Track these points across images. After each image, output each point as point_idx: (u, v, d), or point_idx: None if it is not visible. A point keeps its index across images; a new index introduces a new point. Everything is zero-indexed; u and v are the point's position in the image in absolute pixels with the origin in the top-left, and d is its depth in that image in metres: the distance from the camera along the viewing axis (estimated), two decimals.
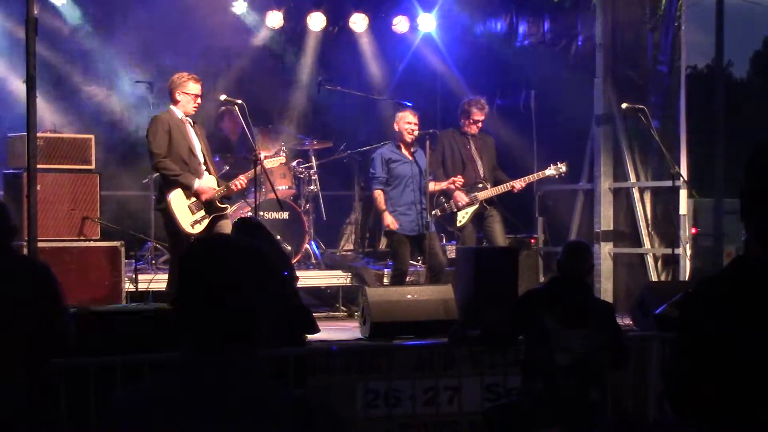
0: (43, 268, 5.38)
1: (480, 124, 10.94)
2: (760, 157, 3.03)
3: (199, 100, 9.35)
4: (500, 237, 10.80)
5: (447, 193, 10.78)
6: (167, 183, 9.15)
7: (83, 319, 7.52)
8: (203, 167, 9.32)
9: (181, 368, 2.55)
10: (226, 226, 9.29)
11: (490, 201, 10.84)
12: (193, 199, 9.17)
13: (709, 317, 2.99)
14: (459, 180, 10.69)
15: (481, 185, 10.83)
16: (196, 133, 9.36)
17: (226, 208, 9.40)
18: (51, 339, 5.25)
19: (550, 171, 10.97)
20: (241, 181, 9.48)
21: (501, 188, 10.82)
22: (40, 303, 5.16)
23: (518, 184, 10.83)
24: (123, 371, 6.71)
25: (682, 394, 3.06)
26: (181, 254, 2.54)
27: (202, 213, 9.19)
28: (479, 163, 10.94)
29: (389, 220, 10.39)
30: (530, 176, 10.98)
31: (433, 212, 10.70)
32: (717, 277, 3.09)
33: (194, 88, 9.28)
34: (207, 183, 9.24)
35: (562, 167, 10.96)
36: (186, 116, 9.28)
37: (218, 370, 2.51)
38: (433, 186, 10.60)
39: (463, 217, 10.76)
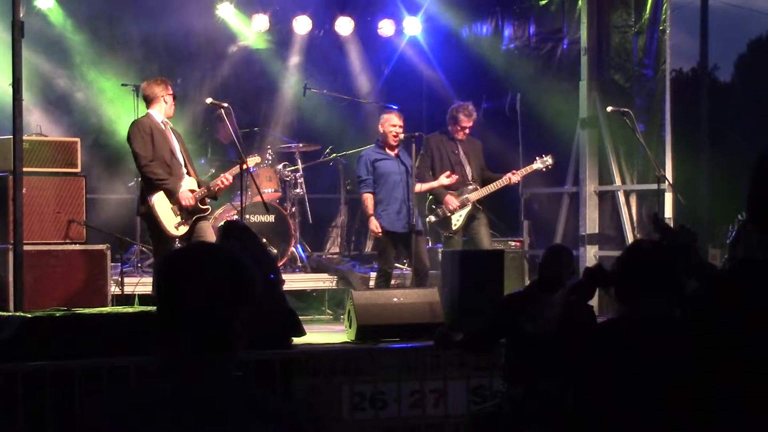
0: None
1: (468, 131, 10.94)
2: (765, 161, 3.05)
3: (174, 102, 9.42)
4: (486, 240, 10.82)
5: (438, 200, 10.77)
6: (150, 187, 9.13)
7: (69, 322, 7.54)
8: (184, 169, 9.32)
9: (157, 373, 2.59)
10: (207, 228, 9.28)
11: (479, 203, 10.86)
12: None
13: (712, 318, 3.01)
14: (447, 177, 10.67)
15: (471, 186, 10.84)
16: (175, 136, 9.36)
17: (207, 209, 9.37)
18: None
19: (537, 165, 10.97)
20: (225, 178, 9.45)
21: (497, 184, 10.83)
22: None
23: (515, 177, 10.85)
24: (108, 374, 6.72)
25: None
26: (160, 262, 2.60)
27: (185, 215, 9.18)
28: (468, 168, 10.94)
29: (374, 224, 10.40)
30: (522, 170, 10.98)
31: (427, 219, 10.72)
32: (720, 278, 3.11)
33: (171, 91, 9.31)
34: (188, 186, 9.21)
35: (548, 160, 10.96)
36: (165, 119, 9.28)
37: (192, 375, 2.55)
38: (419, 187, 10.59)
39: (457, 220, 10.76)
